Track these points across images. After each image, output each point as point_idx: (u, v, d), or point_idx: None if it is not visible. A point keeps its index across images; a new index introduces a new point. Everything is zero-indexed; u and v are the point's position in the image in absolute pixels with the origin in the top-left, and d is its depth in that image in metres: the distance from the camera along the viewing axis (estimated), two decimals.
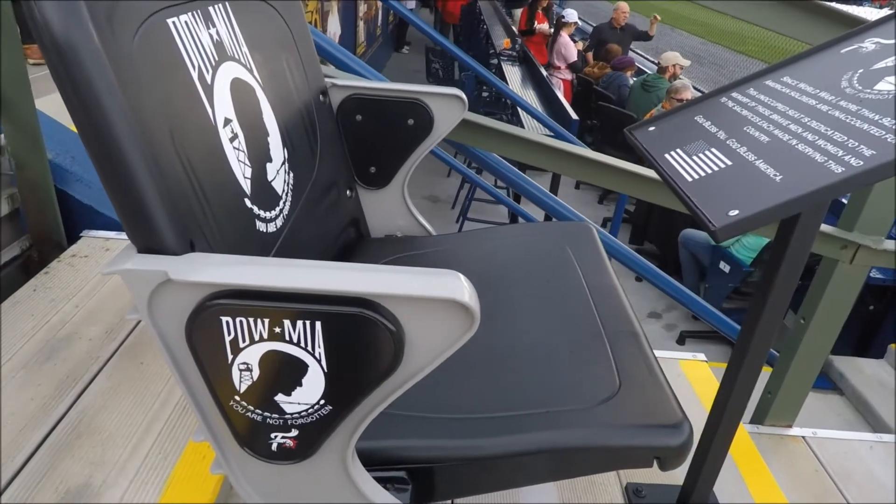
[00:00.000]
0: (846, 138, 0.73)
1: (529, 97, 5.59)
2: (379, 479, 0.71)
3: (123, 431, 1.01)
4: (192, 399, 0.59)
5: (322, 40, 1.55)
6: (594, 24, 8.48)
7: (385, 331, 0.52)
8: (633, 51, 8.86)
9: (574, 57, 6.65)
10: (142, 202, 0.53)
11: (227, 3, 0.84)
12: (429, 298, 0.52)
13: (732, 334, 1.93)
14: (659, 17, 7.35)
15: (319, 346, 0.54)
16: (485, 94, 6.35)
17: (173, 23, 0.69)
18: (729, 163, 0.81)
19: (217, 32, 0.80)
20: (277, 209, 0.88)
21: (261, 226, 0.81)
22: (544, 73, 6.16)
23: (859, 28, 0.96)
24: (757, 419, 1.81)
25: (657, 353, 1.77)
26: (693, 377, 1.71)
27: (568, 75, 6.65)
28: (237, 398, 0.57)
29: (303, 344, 0.54)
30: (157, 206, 0.54)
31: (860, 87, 0.82)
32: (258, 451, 0.60)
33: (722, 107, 0.96)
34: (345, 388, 0.56)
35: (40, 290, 1.34)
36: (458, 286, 0.53)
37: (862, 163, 0.68)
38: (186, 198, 0.60)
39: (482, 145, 1.47)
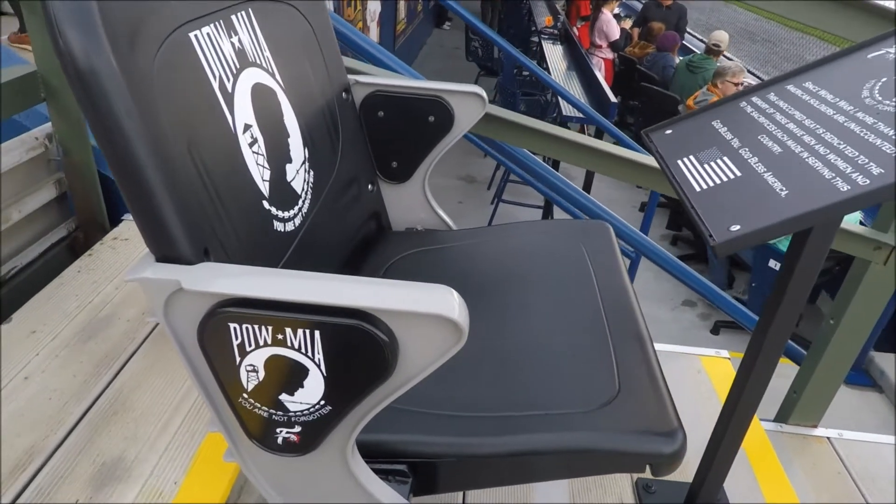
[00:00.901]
0: (857, 153, 0.72)
1: (570, 78, 5.49)
2: (381, 471, 0.75)
3: (155, 410, 1.09)
4: (205, 394, 0.64)
5: (351, 33, 1.58)
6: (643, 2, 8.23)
7: (379, 342, 0.56)
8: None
9: (616, 35, 6.48)
10: (158, 216, 0.57)
11: (249, 10, 0.88)
12: (421, 314, 0.55)
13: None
14: None
15: (319, 353, 0.58)
16: (525, 74, 6.27)
17: (195, 36, 0.72)
18: (739, 174, 0.81)
19: (239, 40, 0.83)
20: (296, 208, 0.92)
21: (278, 225, 0.86)
22: (584, 52, 6.02)
23: (887, 32, 0.93)
24: (781, 417, 1.79)
25: (681, 348, 1.78)
26: (714, 374, 1.70)
27: (609, 54, 6.49)
28: (245, 395, 0.62)
29: (303, 350, 0.58)
30: (172, 219, 0.58)
31: (880, 98, 0.80)
32: (265, 444, 0.65)
33: (741, 112, 0.95)
34: (342, 391, 0.60)
35: (84, 271, 1.43)
36: (448, 302, 0.56)
37: (868, 181, 0.68)
38: (202, 207, 0.64)
39: (505, 139, 1.48)
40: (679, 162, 0.91)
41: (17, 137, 1.43)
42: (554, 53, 6.26)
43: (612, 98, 4.17)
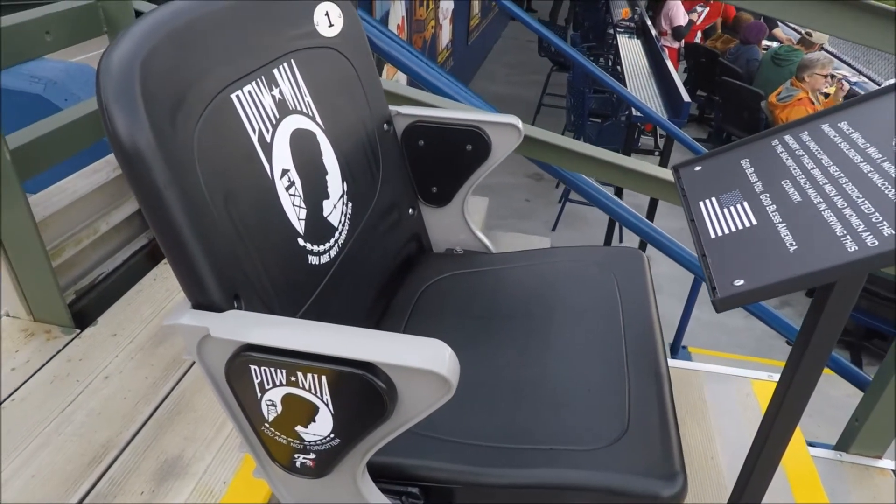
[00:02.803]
0: (872, 210, 0.71)
1: (644, 74, 5.33)
2: (395, 492, 0.82)
3: (212, 413, 1.21)
4: (234, 421, 0.73)
5: (405, 57, 1.64)
6: None
7: (378, 389, 0.62)
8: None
9: (679, 21, 6.21)
10: (192, 269, 0.66)
11: (292, 60, 0.96)
12: (413, 368, 0.61)
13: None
14: None
15: (326, 394, 0.65)
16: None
17: (237, 96, 0.81)
18: (755, 222, 0.81)
19: (280, 91, 0.91)
20: (332, 240, 0.99)
21: (313, 259, 0.94)
22: (659, 46, 5.82)
23: None
24: (842, 445, 1.72)
25: (732, 370, 1.74)
26: (764, 398, 1.65)
27: (674, 43, 6.25)
28: (267, 425, 0.70)
29: (313, 391, 0.65)
30: (205, 271, 0.67)
31: None
32: (286, 467, 0.73)
33: (770, 152, 0.94)
34: (348, 428, 0.67)
35: (160, 279, 1.59)
36: (440, 358, 0.61)
37: (877, 243, 0.67)
38: (235, 256, 0.72)
39: (546, 159, 1.50)
40: (701, 203, 0.91)
41: (104, 158, 1.60)
42: (629, 48, 6.08)
43: (686, 97, 4.03)
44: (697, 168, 1.01)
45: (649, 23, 6.43)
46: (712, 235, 0.83)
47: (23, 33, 1.29)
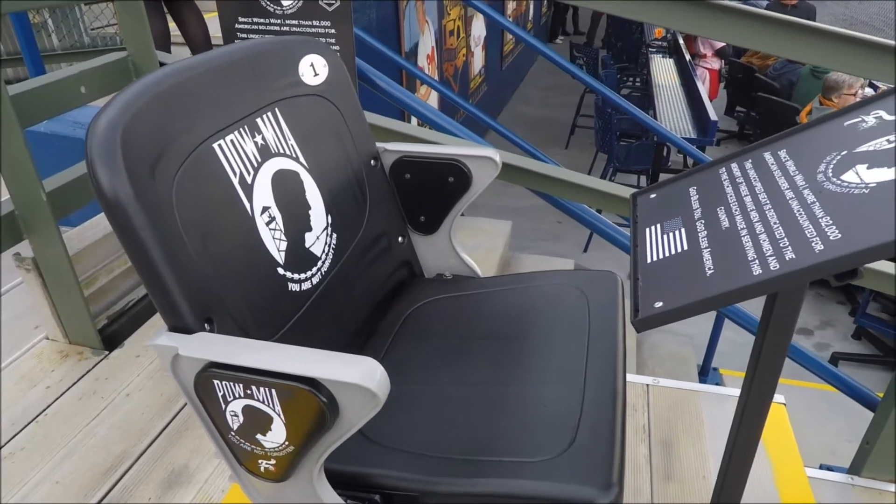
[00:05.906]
0: (783, 235, 0.76)
1: (676, 93, 5.33)
2: (359, 499, 0.90)
3: None
4: (206, 430, 0.83)
5: (419, 106, 1.75)
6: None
7: (319, 401, 0.71)
8: None
9: (721, 42, 6.16)
10: (168, 297, 0.77)
11: (276, 108, 1.07)
12: (348, 383, 0.69)
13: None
14: None
15: (277, 406, 0.74)
16: (627, 92, 6.17)
17: (219, 146, 0.92)
18: (686, 248, 0.87)
19: (263, 138, 1.03)
20: (315, 268, 1.09)
21: (293, 286, 1.04)
22: (690, 64, 5.81)
23: (871, 97, 0.93)
24: (854, 469, 1.70)
25: (734, 391, 1.74)
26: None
27: (716, 64, 6.19)
28: (233, 433, 0.79)
29: (266, 403, 0.74)
30: (179, 300, 0.77)
31: (830, 175, 0.82)
32: (253, 471, 0.83)
33: (715, 179, 0.99)
34: (298, 436, 0.76)
35: None
36: (371, 375, 0.69)
37: (779, 267, 0.72)
38: (209, 287, 0.83)
39: (523, 183, 1.57)
40: (647, 230, 0.97)
41: None
42: (662, 67, 6.10)
43: (713, 116, 4.02)
44: (653, 196, 1.07)
45: (682, 41, 6.42)
46: (648, 260, 0.89)
47: (60, 89, 1.47)
